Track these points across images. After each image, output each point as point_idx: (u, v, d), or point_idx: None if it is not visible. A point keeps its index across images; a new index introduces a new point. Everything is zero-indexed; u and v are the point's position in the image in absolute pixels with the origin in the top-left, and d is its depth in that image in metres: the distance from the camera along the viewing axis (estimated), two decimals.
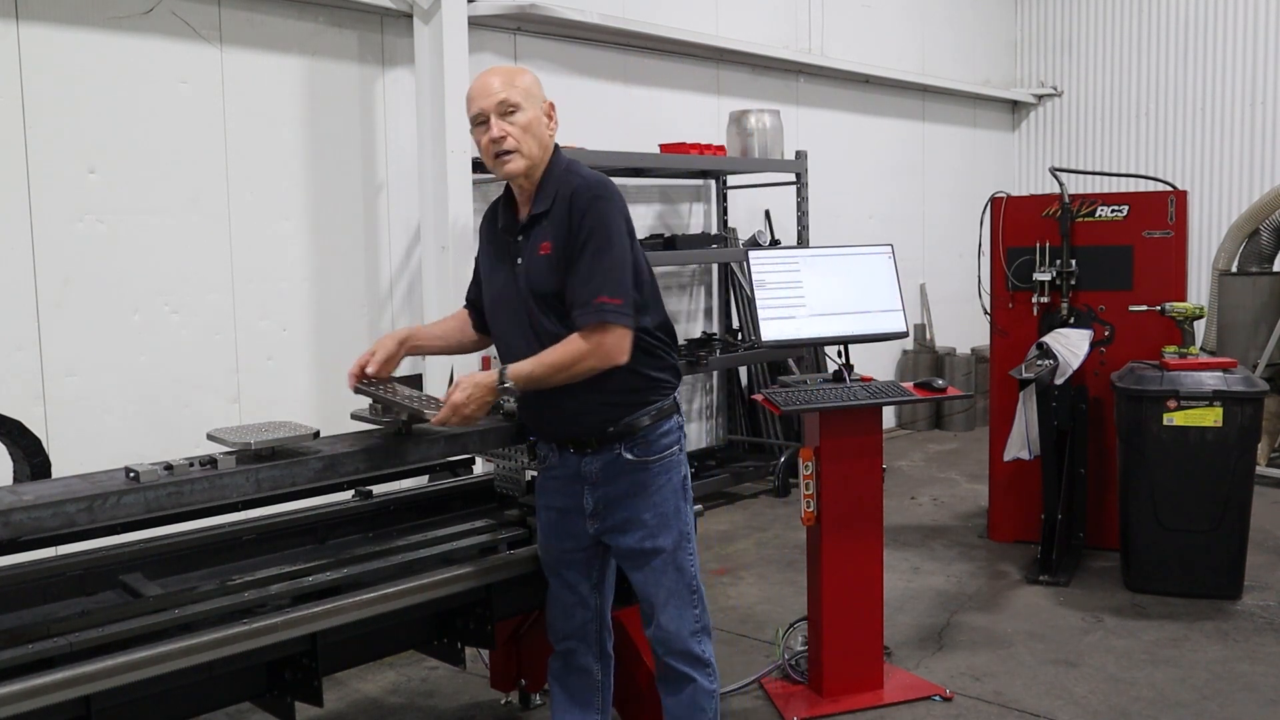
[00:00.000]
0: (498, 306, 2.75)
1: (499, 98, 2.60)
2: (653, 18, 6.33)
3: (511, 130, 2.59)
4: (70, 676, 2.22)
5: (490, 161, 2.65)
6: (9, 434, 2.76)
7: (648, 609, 2.81)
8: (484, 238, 2.86)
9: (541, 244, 2.60)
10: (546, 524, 2.86)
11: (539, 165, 2.65)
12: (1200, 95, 9.05)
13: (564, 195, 2.60)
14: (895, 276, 4.01)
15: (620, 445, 2.69)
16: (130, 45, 4.27)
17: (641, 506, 2.72)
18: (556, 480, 2.80)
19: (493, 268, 2.76)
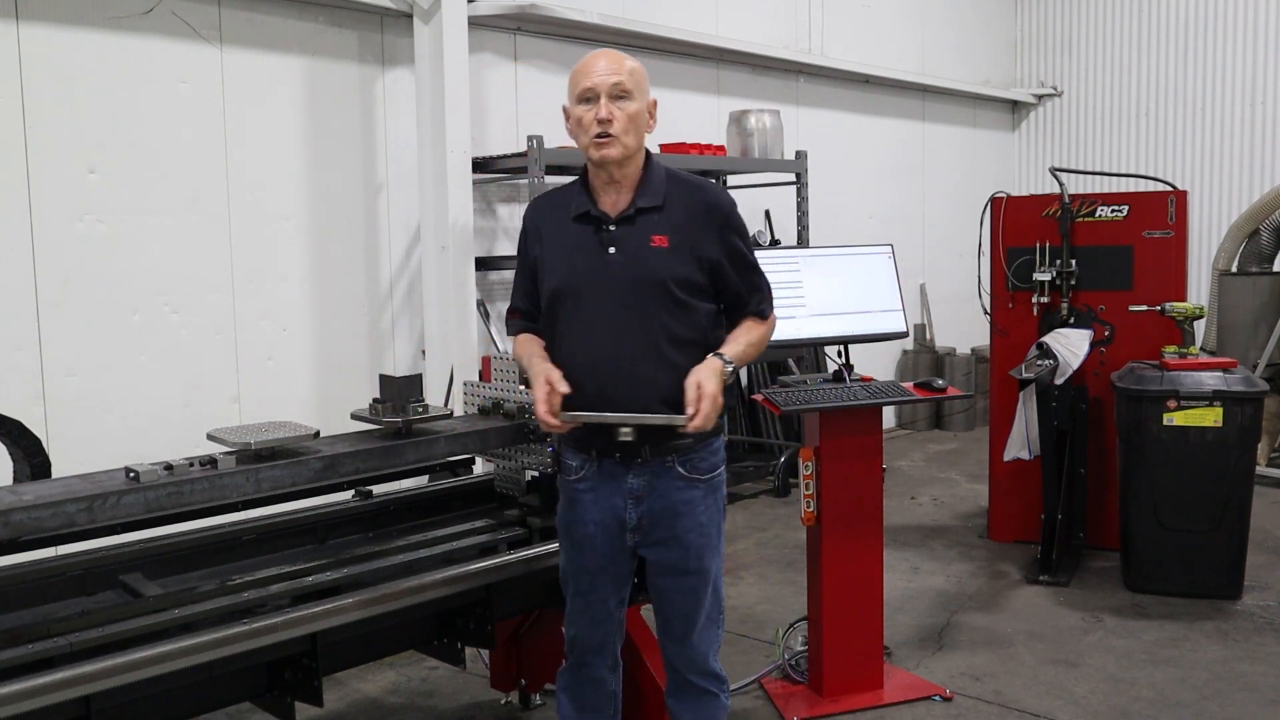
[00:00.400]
0: (579, 295, 2.60)
1: (615, 79, 2.55)
2: (653, 18, 6.34)
3: (618, 115, 2.54)
4: (70, 676, 2.22)
5: (585, 141, 2.57)
6: (9, 434, 2.76)
7: (680, 627, 2.71)
8: (542, 230, 2.71)
9: (653, 236, 2.58)
10: (580, 539, 2.70)
11: (634, 158, 2.61)
12: (1200, 95, 9.05)
13: (691, 199, 2.62)
14: (895, 276, 4.01)
15: (673, 459, 2.62)
16: (130, 45, 4.27)
17: (688, 526, 2.65)
18: (594, 493, 2.66)
19: (568, 257, 2.63)
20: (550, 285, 2.65)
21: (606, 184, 2.63)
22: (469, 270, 4.92)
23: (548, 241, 2.69)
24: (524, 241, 2.77)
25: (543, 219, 2.73)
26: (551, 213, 2.71)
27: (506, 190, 5.71)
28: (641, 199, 2.61)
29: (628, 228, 2.60)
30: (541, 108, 5.79)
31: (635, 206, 2.60)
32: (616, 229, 2.60)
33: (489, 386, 3.32)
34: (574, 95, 2.59)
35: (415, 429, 2.92)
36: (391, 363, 5.20)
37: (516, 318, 2.81)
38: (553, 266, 2.66)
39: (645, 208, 2.60)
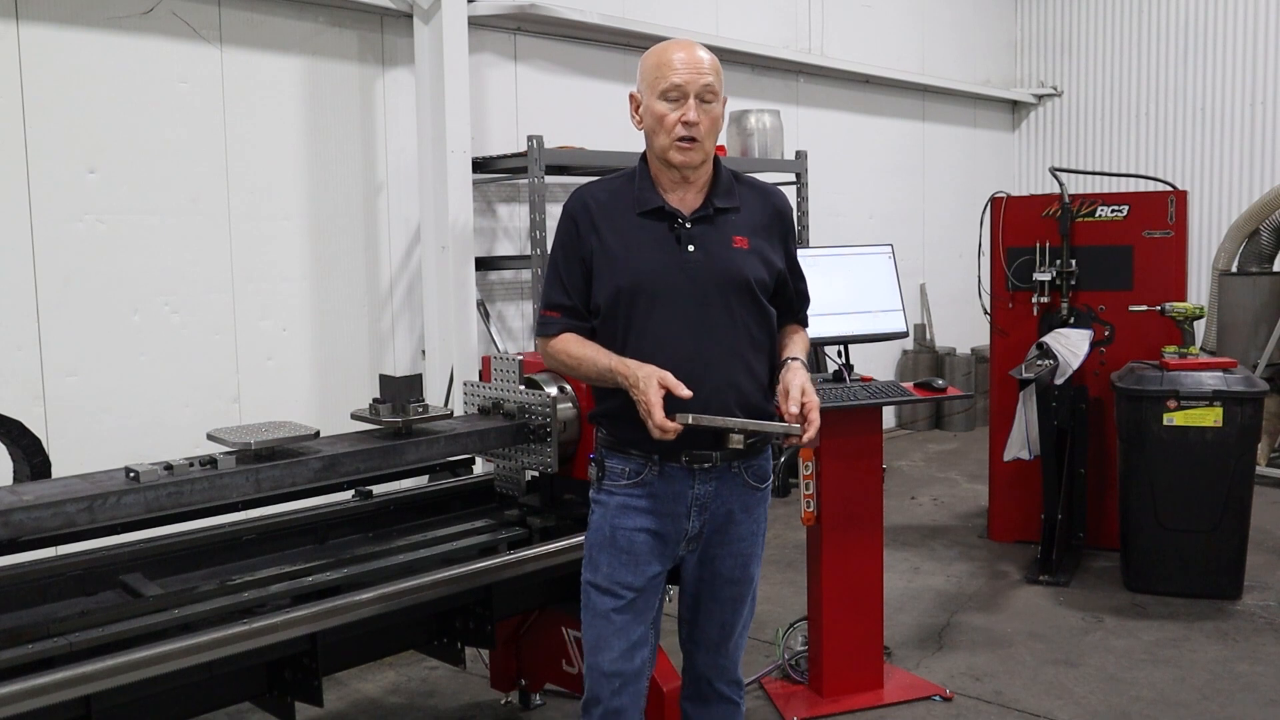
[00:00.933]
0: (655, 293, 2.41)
1: (707, 80, 2.40)
2: (653, 18, 6.34)
3: (705, 120, 2.40)
4: (70, 676, 2.22)
5: (665, 142, 2.40)
6: (9, 434, 2.76)
7: (716, 635, 2.60)
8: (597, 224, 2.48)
9: (734, 237, 2.47)
10: (628, 547, 2.49)
11: (709, 160, 2.50)
12: (1200, 95, 9.05)
13: (763, 202, 2.55)
14: (895, 276, 4.01)
15: (739, 465, 2.51)
16: (130, 45, 4.27)
17: (744, 533, 2.56)
18: (653, 500, 2.48)
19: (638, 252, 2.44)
20: (617, 282, 2.44)
21: (675, 182, 2.48)
22: (469, 270, 4.92)
23: (607, 235, 2.47)
24: (571, 234, 2.51)
25: (598, 211, 2.49)
26: (608, 205, 2.50)
27: (506, 190, 5.71)
28: (718, 199, 2.49)
29: (707, 226, 2.46)
30: (541, 108, 5.80)
31: (714, 205, 2.48)
32: (694, 226, 2.45)
33: (489, 386, 3.32)
34: (655, 89, 2.41)
35: (415, 429, 2.92)
36: (391, 363, 5.20)
37: (557, 316, 2.53)
38: (619, 262, 2.44)
39: (724, 208, 2.49)
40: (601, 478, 2.53)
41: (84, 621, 2.41)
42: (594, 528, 2.55)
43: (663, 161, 2.45)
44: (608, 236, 2.47)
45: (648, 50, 2.49)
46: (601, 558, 2.52)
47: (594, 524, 2.55)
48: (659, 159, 2.46)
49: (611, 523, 2.50)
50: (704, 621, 2.60)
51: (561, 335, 2.52)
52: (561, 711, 3.72)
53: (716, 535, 2.53)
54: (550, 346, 2.55)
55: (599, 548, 2.53)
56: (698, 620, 2.61)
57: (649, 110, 2.43)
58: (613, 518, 2.50)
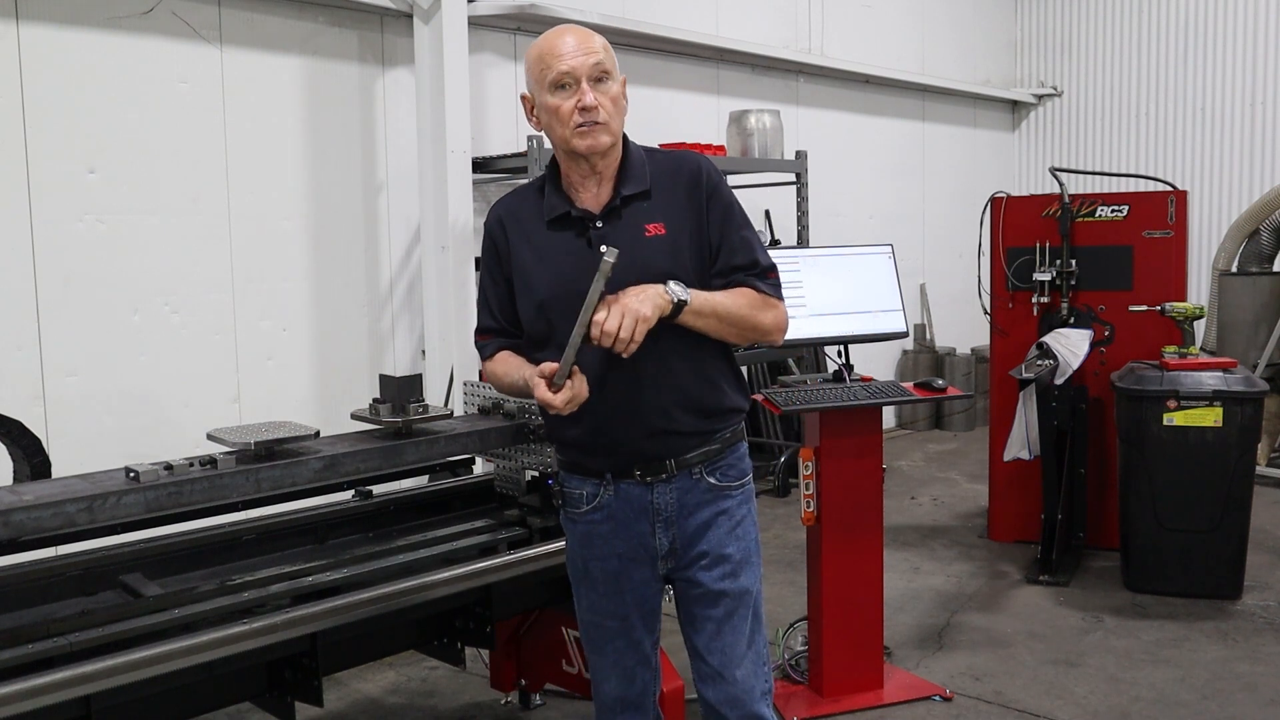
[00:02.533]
0: (571, 302, 2.18)
1: (595, 59, 2.24)
2: (652, 18, 6.34)
3: (604, 100, 2.23)
4: (70, 676, 2.22)
5: (567, 132, 2.23)
6: (9, 434, 2.76)
7: (718, 662, 2.36)
8: (512, 240, 2.38)
9: (647, 226, 2.28)
10: (603, 577, 2.39)
11: (618, 144, 2.31)
12: (1200, 95, 9.04)
13: (675, 174, 2.32)
14: (895, 276, 4.01)
15: (701, 469, 2.33)
16: (130, 45, 4.27)
17: (725, 540, 2.35)
18: (613, 523, 2.35)
19: (552, 263, 2.30)
20: (536, 298, 2.31)
21: (585, 177, 2.31)
22: (469, 270, 4.92)
23: (522, 251, 2.35)
24: (490, 253, 2.41)
25: (511, 226, 2.38)
26: (520, 219, 2.38)
27: (506, 190, 5.70)
28: (625, 186, 2.30)
29: (615, 220, 2.29)
30: None
31: (620, 195, 2.29)
32: (604, 225, 2.29)
33: (489, 386, 3.32)
34: (544, 82, 2.26)
35: (415, 429, 2.92)
36: (391, 363, 5.20)
37: (489, 338, 2.45)
38: (536, 277, 2.32)
39: (631, 195, 2.30)
40: (563, 503, 2.43)
41: (84, 621, 2.41)
42: (569, 559, 2.48)
43: (569, 155, 2.29)
44: (522, 251, 2.35)
45: (530, 47, 2.34)
46: (581, 591, 2.46)
47: (568, 554, 2.48)
48: (565, 154, 2.30)
49: (582, 554, 2.42)
50: (701, 648, 2.39)
51: (496, 356, 2.43)
52: (561, 711, 3.72)
53: (695, 546, 2.35)
54: (486, 369, 2.47)
55: (577, 582, 2.46)
56: (695, 646, 2.41)
57: (543, 107, 2.28)
58: (581, 549, 2.42)
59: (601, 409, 2.26)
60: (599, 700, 2.49)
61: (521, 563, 2.98)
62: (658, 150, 2.44)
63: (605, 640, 2.43)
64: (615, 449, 2.31)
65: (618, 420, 2.29)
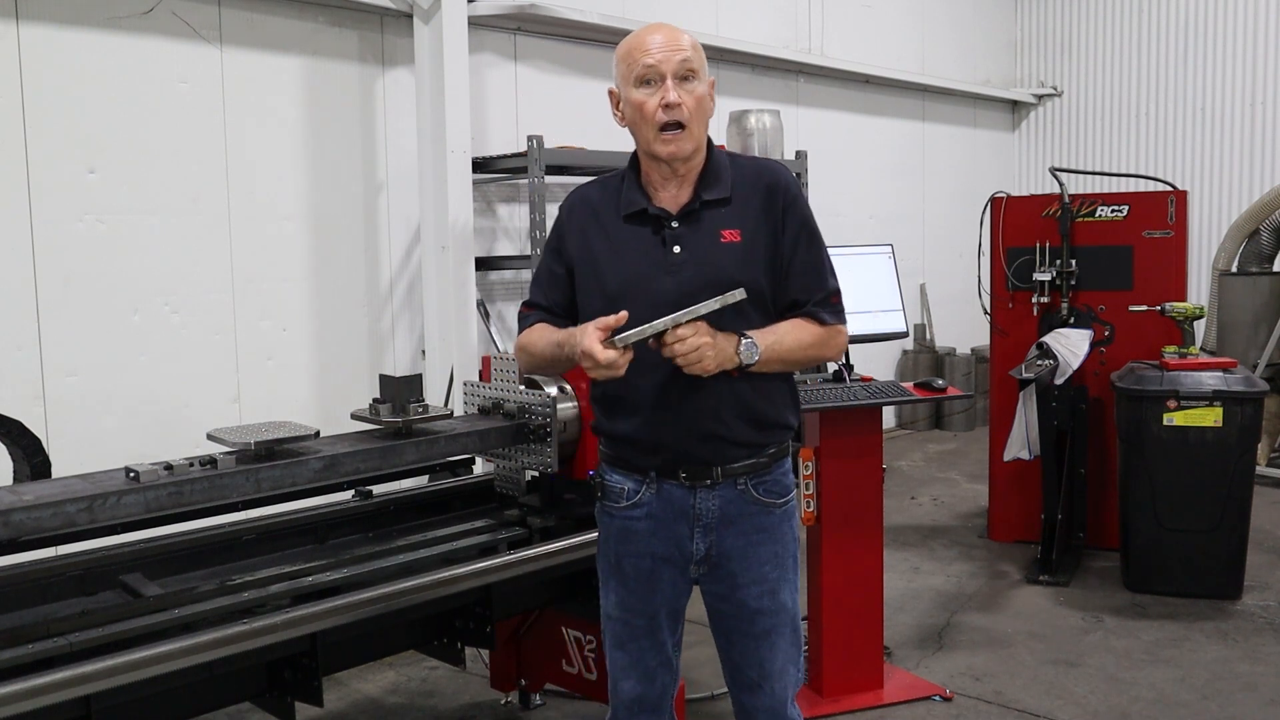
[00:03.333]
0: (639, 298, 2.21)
1: (683, 57, 2.22)
2: (652, 17, 6.29)
3: (688, 100, 2.21)
4: (70, 676, 2.22)
5: (650, 133, 2.23)
6: (9, 434, 2.76)
7: (756, 675, 2.40)
8: (585, 228, 2.37)
9: (723, 231, 2.27)
10: (635, 575, 2.38)
11: (701, 148, 2.31)
12: (1200, 95, 9.05)
13: (755, 183, 2.32)
14: (895, 276, 4.01)
15: (745, 480, 2.33)
16: (130, 45, 4.27)
17: (764, 556, 2.35)
18: (652, 521, 2.35)
19: (621, 256, 2.30)
20: (606, 290, 2.30)
21: (666, 178, 2.31)
22: (469, 270, 4.92)
23: (594, 242, 2.35)
24: (557, 237, 2.43)
25: (586, 217, 2.38)
26: (596, 211, 2.38)
27: (506, 190, 5.70)
28: (706, 190, 2.30)
29: (692, 223, 2.29)
30: (541, 108, 5.79)
31: (699, 199, 2.29)
32: (680, 225, 2.29)
33: (489, 386, 3.32)
34: (629, 77, 2.25)
35: (415, 429, 2.92)
36: (391, 363, 5.20)
37: (533, 311, 2.46)
38: (607, 270, 2.31)
39: (711, 200, 2.29)
40: (602, 496, 2.43)
41: (84, 621, 2.41)
42: (601, 552, 2.47)
43: (650, 156, 2.30)
44: (595, 242, 2.35)
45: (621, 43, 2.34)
46: (610, 586, 2.44)
47: (600, 547, 2.47)
48: (646, 154, 2.31)
49: (616, 549, 2.41)
50: (740, 661, 2.41)
51: (534, 326, 2.44)
52: (561, 711, 3.72)
53: (733, 561, 2.35)
54: (520, 340, 2.48)
55: (607, 574, 2.45)
56: (732, 658, 2.43)
57: (627, 102, 2.28)
58: (616, 544, 2.41)
59: (656, 407, 2.28)
60: (615, 697, 2.47)
61: (521, 563, 2.98)
62: (740, 156, 2.45)
63: (630, 638, 2.42)
64: (664, 448, 2.31)
65: (671, 420, 2.29)
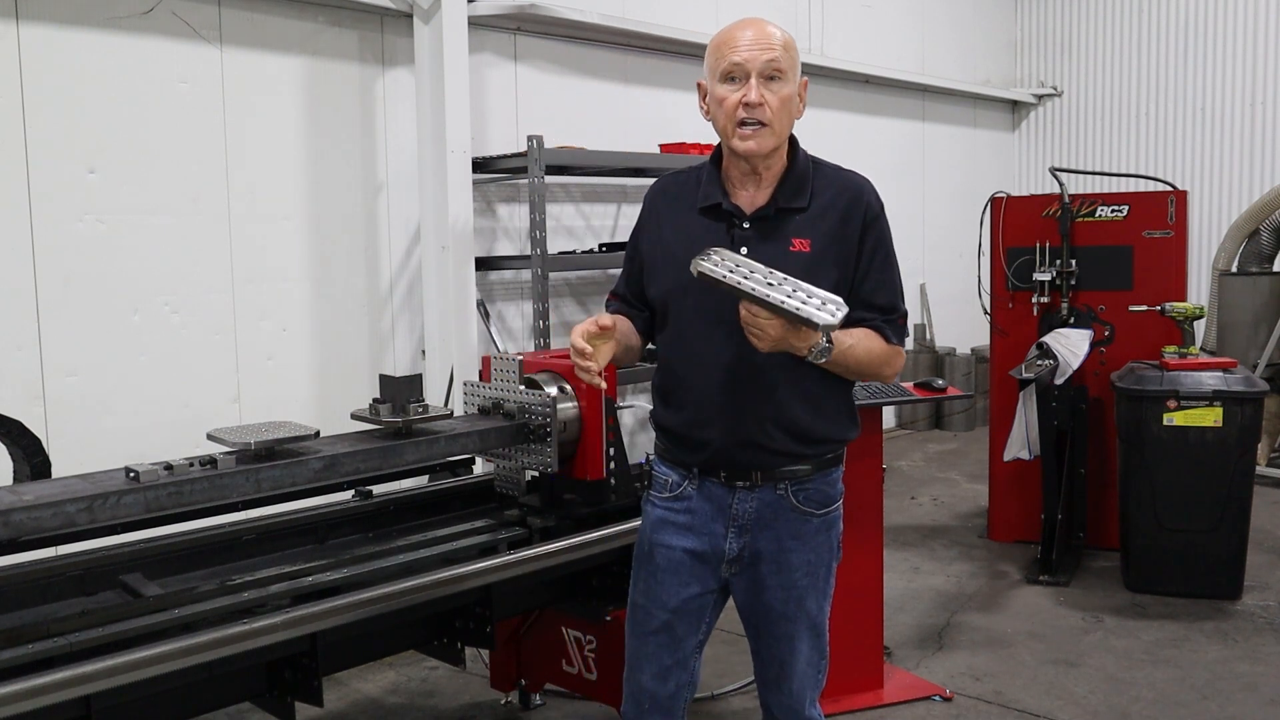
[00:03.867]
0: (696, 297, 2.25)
1: (769, 55, 2.19)
2: (653, 18, 6.33)
3: (771, 100, 2.20)
4: (70, 676, 2.22)
5: (728, 126, 2.23)
6: (9, 434, 2.76)
7: (774, 673, 2.44)
8: (661, 217, 2.40)
9: (793, 239, 2.26)
10: (666, 566, 2.39)
11: (782, 148, 2.29)
12: (1200, 95, 9.05)
13: (837, 195, 2.31)
14: None
15: (785, 486, 2.32)
16: (130, 45, 4.27)
17: (795, 563, 2.35)
18: (690, 515, 2.37)
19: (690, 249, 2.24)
20: (665, 283, 2.33)
21: (745, 175, 2.30)
22: (469, 270, 4.92)
23: (665, 231, 2.37)
24: (639, 225, 2.46)
25: (664, 206, 2.41)
26: (675, 200, 2.39)
27: (506, 190, 5.70)
28: (784, 196, 2.29)
29: (764, 226, 2.28)
30: (541, 108, 5.79)
31: (775, 205, 2.28)
32: (750, 227, 2.28)
33: (489, 386, 3.32)
34: (716, 71, 2.23)
35: (415, 429, 2.92)
36: (391, 363, 5.20)
37: (615, 301, 2.52)
38: (672, 260, 2.31)
39: (787, 207, 2.28)
40: (648, 485, 2.47)
41: (84, 621, 2.41)
42: (639, 538, 2.50)
43: (731, 152, 2.29)
44: (668, 232, 2.37)
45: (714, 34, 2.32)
46: (640, 574, 2.46)
47: (640, 534, 2.50)
48: (728, 149, 2.30)
49: (650, 538, 2.44)
50: (764, 655, 2.45)
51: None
52: (561, 711, 3.72)
53: (764, 564, 2.36)
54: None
55: (639, 561, 2.48)
56: (759, 652, 2.47)
57: (711, 95, 2.27)
58: (652, 532, 2.44)
59: (703, 405, 2.31)
60: (629, 687, 2.48)
61: (521, 563, 2.98)
62: (825, 164, 2.42)
63: (649, 630, 2.43)
64: (705, 446, 2.33)
65: (715, 419, 2.30)
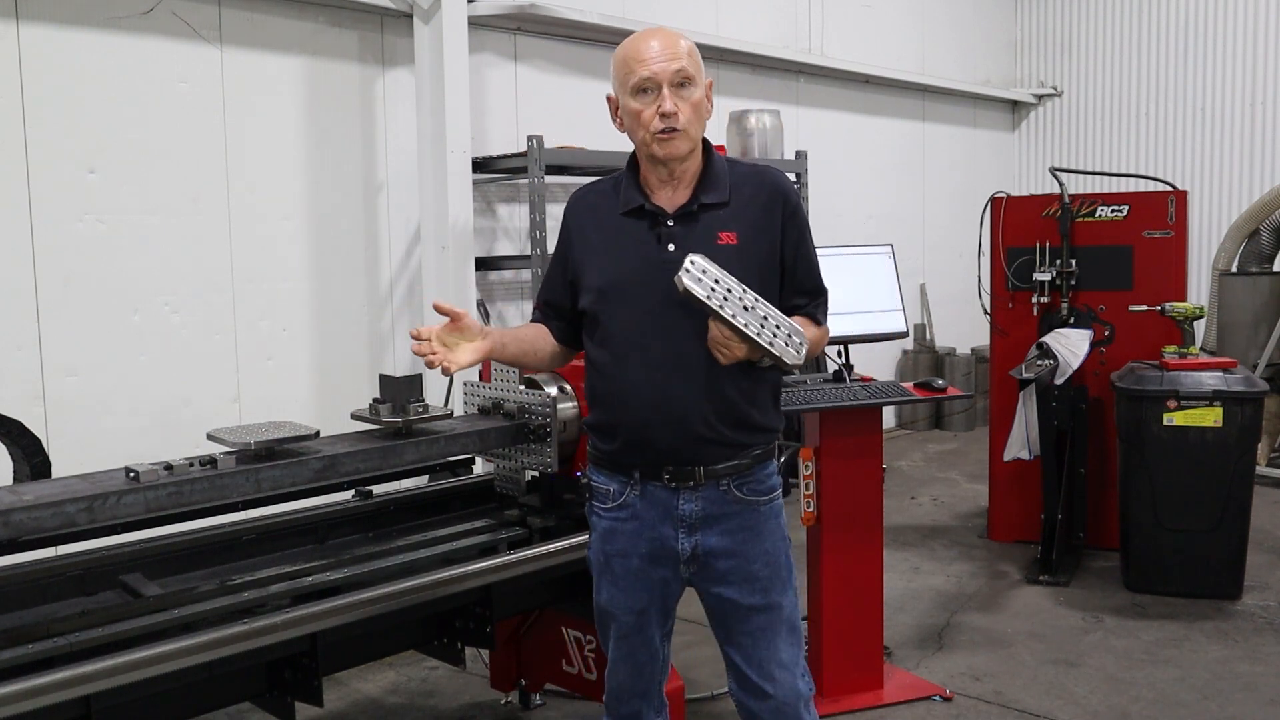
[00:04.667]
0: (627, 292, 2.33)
1: (678, 66, 2.27)
2: (652, 18, 6.33)
3: (683, 107, 2.28)
4: (70, 676, 2.22)
5: (646, 136, 2.30)
6: (9, 434, 2.76)
7: (757, 676, 2.41)
8: (584, 226, 2.45)
9: (720, 233, 2.33)
10: (623, 574, 2.43)
11: (697, 150, 2.36)
12: (1200, 95, 9.04)
13: (755, 189, 2.38)
14: (895, 276, 4.01)
15: (729, 481, 2.36)
16: (130, 45, 4.27)
17: (753, 555, 2.38)
18: (637, 523, 2.40)
19: (616, 253, 2.37)
20: (596, 284, 2.38)
21: (663, 181, 2.37)
22: (469, 270, 4.92)
23: (591, 238, 2.43)
24: (562, 235, 2.52)
25: (585, 214, 2.47)
26: (595, 207, 2.45)
27: (506, 190, 5.70)
28: (705, 193, 2.36)
29: (689, 222, 2.34)
30: (541, 108, 5.79)
31: (698, 201, 2.35)
32: (675, 224, 2.34)
33: (489, 386, 3.32)
34: (626, 85, 2.31)
35: (415, 429, 2.92)
36: (391, 363, 5.20)
37: (538, 310, 2.60)
38: (598, 264, 2.39)
39: (710, 203, 2.35)
40: (590, 497, 2.48)
41: (84, 621, 2.41)
42: (591, 550, 2.53)
43: (649, 159, 2.36)
44: (592, 238, 2.42)
45: (616, 49, 2.39)
46: (602, 583, 2.50)
47: (590, 546, 2.53)
48: (645, 157, 2.37)
49: (604, 549, 2.47)
50: (740, 657, 2.44)
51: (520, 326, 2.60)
52: (561, 711, 3.72)
53: (720, 560, 2.38)
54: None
55: (598, 573, 2.51)
56: (734, 656, 2.45)
57: (625, 109, 2.35)
58: (603, 543, 2.46)
59: (643, 405, 2.33)
60: (609, 685, 2.57)
61: (521, 563, 2.98)
62: (739, 162, 2.50)
63: (619, 634, 2.49)
64: (649, 448, 2.35)
65: (658, 419, 2.33)
